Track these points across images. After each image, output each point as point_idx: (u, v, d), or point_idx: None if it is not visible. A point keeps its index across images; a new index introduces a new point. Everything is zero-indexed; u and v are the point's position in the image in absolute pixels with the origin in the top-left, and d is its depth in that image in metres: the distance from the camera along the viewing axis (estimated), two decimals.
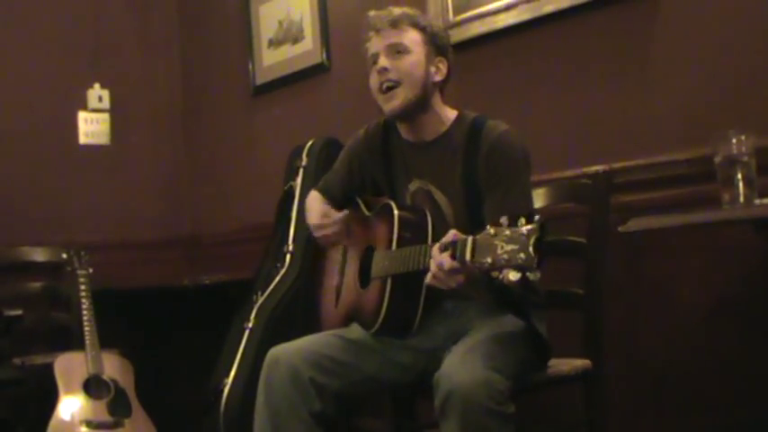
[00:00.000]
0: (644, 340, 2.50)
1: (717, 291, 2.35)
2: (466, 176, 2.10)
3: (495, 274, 1.63)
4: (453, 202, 2.12)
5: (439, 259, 1.77)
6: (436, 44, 2.19)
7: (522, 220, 1.61)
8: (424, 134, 2.19)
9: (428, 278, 1.83)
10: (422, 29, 2.17)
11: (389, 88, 2.13)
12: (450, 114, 2.20)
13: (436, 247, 1.80)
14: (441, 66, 2.20)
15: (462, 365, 1.82)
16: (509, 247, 1.60)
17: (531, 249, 1.57)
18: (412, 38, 2.16)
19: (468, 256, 1.69)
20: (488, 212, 2.01)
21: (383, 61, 2.14)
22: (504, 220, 1.64)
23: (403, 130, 2.24)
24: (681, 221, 2.01)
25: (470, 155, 2.10)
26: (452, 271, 1.75)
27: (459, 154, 2.13)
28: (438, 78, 2.19)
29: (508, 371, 1.84)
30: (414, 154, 2.21)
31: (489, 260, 1.64)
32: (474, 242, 1.69)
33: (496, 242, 1.62)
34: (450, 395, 1.78)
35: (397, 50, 2.14)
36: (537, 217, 1.61)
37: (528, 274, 1.58)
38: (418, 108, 2.15)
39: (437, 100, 2.19)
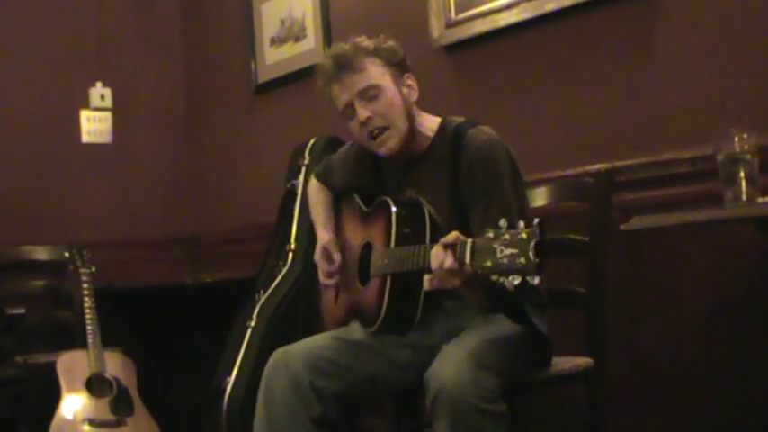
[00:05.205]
0: (646, 338, 2.50)
1: (719, 289, 2.35)
2: (451, 191, 2.08)
3: (495, 278, 1.62)
4: (442, 214, 2.10)
5: (441, 257, 1.76)
6: (396, 62, 2.12)
7: (522, 224, 1.60)
8: (409, 153, 2.15)
9: (426, 282, 1.81)
10: (376, 55, 2.10)
11: (379, 133, 2.09)
12: (433, 124, 2.16)
13: (438, 245, 1.79)
14: (410, 82, 2.15)
15: (450, 365, 1.82)
16: (509, 251, 1.59)
17: (531, 254, 1.55)
18: (375, 72, 2.09)
19: (467, 259, 1.68)
20: (473, 227, 1.97)
21: (362, 111, 2.07)
22: (503, 222, 1.63)
23: None
24: (683, 220, 2.01)
25: (454, 168, 2.07)
26: (452, 271, 1.74)
27: (443, 169, 2.10)
28: (414, 97, 2.14)
29: (497, 369, 1.84)
30: (403, 170, 2.20)
31: (489, 263, 1.62)
32: (473, 245, 1.68)
33: (496, 245, 1.61)
34: (438, 394, 1.79)
35: (370, 94, 2.08)
36: (536, 220, 1.59)
37: (528, 278, 1.57)
38: (410, 137, 2.12)
39: (418, 117, 2.15)
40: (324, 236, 2.36)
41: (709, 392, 2.34)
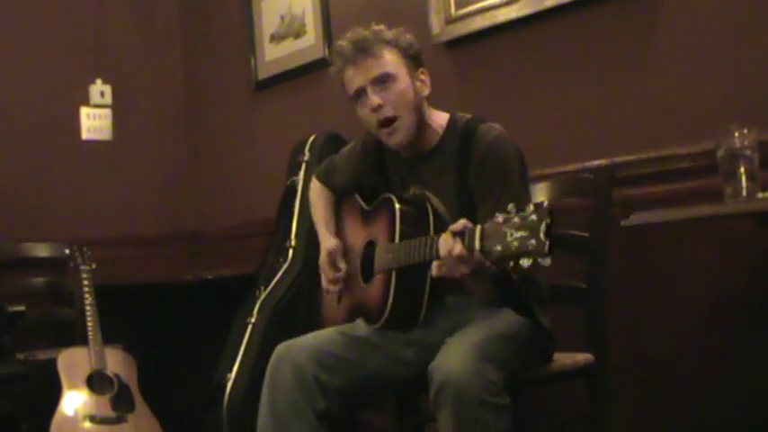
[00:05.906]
0: (647, 334, 2.50)
1: (719, 284, 2.35)
2: (460, 186, 2.08)
3: (503, 264, 1.62)
4: (450, 210, 2.10)
5: (450, 244, 1.76)
6: (411, 56, 2.14)
7: (531, 207, 1.61)
8: (418, 149, 2.16)
9: (434, 269, 1.82)
10: (395, 45, 2.12)
11: (388, 122, 2.09)
12: (441, 120, 2.17)
13: (447, 233, 1.79)
14: (423, 77, 2.16)
15: (454, 357, 1.82)
16: (519, 234, 1.60)
17: (542, 235, 1.56)
18: (391, 60, 2.10)
19: (477, 245, 1.68)
20: (481, 222, 1.99)
21: (374, 97, 2.08)
22: (511, 207, 1.64)
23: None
24: (683, 215, 2.01)
25: (462, 164, 2.08)
26: (460, 258, 1.74)
27: (451, 164, 2.10)
28: (426, 92, 2.15)
29: (502, 362, 1.84)
30: (409, 167, 2.20)
31: (499, 248, 1.63)
32: (482, 230, 1.69)
33: (505, 229, 1.62)
34: (442, 387, 1.79)
35: (383, 81, 2.09)
36: (545, 203, 1.60)
37: (539, 260, 1.58)
38: (418, 131, 2.12)
39: (428, 112, 2.16)
40: (329, 241, 2.34)
41: (710, 388, 2.34)
